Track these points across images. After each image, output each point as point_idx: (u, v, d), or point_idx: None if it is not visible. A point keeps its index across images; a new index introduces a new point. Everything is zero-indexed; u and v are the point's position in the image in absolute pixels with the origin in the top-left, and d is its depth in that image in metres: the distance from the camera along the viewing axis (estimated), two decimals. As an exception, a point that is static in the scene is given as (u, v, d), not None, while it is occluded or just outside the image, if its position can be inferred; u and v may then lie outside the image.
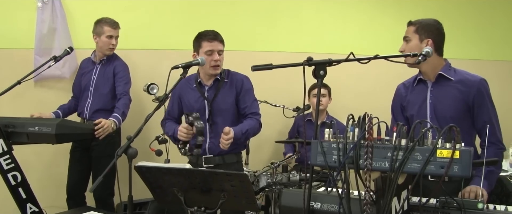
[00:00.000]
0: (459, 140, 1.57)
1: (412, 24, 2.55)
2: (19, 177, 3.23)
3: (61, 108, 3.93)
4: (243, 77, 3.15)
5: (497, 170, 2.49)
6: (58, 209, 3.37)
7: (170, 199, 2.28)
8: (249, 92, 3.13)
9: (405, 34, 2.55)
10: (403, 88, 2.69)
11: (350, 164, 1.68)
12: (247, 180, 2.08)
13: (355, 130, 1.70)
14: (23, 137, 3.30)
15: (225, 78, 3.12)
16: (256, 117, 3.10)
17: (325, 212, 1.92)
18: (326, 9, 4.53)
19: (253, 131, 3.06)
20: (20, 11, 4.20)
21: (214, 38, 3.04)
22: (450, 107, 2.48)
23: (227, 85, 3.11)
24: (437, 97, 2.52)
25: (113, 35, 3.82)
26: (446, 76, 2.50)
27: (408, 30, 2.54)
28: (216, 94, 3.08)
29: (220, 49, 3.05)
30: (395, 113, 2.72)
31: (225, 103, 3.08)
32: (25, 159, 3.54)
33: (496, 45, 4.46)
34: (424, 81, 2.58)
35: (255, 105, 3.14)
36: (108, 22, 3.81)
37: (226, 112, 3.08)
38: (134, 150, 2.39)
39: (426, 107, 2.54)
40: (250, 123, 3.04)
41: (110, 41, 3.81)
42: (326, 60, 2.01)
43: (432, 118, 2.50)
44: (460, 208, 1.82)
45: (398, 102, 2.71)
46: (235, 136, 2.89)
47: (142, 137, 2.58)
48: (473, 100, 2.45)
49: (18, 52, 4.19)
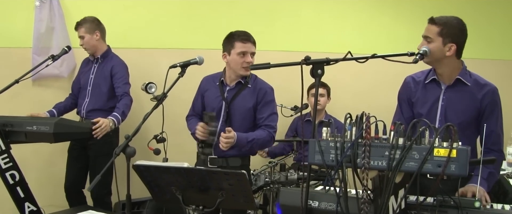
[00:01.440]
0: (456, 139, 1.58)
1: (435, 23, 2.37)
2: (17, 176, 3.24)
3: (56, 106, 3.92)
4: (268, 88, 3.11)
5: (497, 173, 2.46)
6: (56, 208, 3.37)
7: (168, 198, 2.28)
8: (269, 104, 3.08)
9: (426, 33, 2.39)
10: (412, 83, 2.59)
11: (348, 163, 1.68)
12: (245, 178, 2.08)
13: (352, 129, 1.70)
14: (21, 136, 3.30)
15: (249, 83, 3.09)
16: (269, 129, 3.04)
17: (322, 210, 1.93)
18: (324, 8, 4.53)
19: (261, 142, 3.02)
20: (18, 10, 4.20)
21: (247, 39, 3.01)
22: (462, 112, 2.43)
23: (249, 91, 3.08)
24: (450, 101, 2.46)
25: (78, 35, 3.81)
26: (463, 81, 2.44)
27: (430, 30, 2.37)
28: (235, 97, 3.06)
29: (253, 51, 3.02)
30: (402, 103, 2.63)
31: (243, 107, 3.06)
32: (23, 158, 3.55)
33: (494, 44, 4.46)
34: (437, 82, 2.50)
35: (272, 118, 3.08)
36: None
37: (241, 116, 3.06)
38: (132, 149, 2.39)
39: (437, 108, 2.48)
40: (260, 134, 3.01)
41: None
42: (324, 59, 2.01)
43: (441, 120, 2.45)
44: (457, 207, 1.82)
45: (405, 94, 2.62)
46: (238, 141, 2.88)
47: (140, 136, 2.59)
48: (485, 107, 2.41)
49: (16, 51, 4.19)
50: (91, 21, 3.81)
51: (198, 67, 2.99)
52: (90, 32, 3.79)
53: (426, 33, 2.39)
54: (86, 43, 3.80)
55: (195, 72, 3.17)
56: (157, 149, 2.64)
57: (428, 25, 2.39)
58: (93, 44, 3.82)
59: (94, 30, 3.80)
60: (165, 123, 2.76)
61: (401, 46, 2.49)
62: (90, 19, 3.82)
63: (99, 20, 3.86)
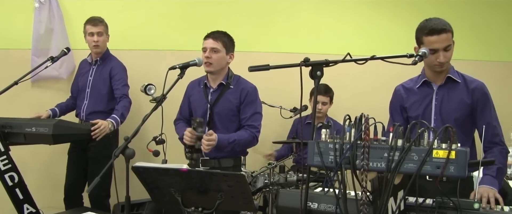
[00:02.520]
0: (455, 140, 1.58)
1: (448, 31, 2.38)
2: (16, 177, 3.24)
3: (58, 105, 3.92)
4: (250, 88, 3.10)
5: (504, 168, 2.47)
6: (55, 210, 3.37)
7: (167, 199, 2.28)
8: (252, 104, 3.07)
9: (446, 43, 2.38)
10: (403, 90, 2.66)
11: (347, 165, 1.68)
12: (244, 180, 2.08)
13: (351, 130, 1.70)
14: (20, 137, 3.30)
15: (231, 84, 3.09)
16: (251, 129, 3.04)
17: (322, 212, 1.93)
18: (323, 10, 4.53)
19: (243, 143, 3.02)
20: (17, 12, 4.20)
21: (208, 36, 3.07)
22: (456, 109, 2.48)
23: (231, 92, 3.08)
24: (443, 99, 2.51)
25: (94, 32, 3.78)
26: (453, 79, 2.50)
27: (448, 38, 2.38)
28: (218, 99, 3.07)
29: (212, 47, 3.02)
30: (394, 114, 2.69)
31: (225, 109, 3.06)
32: (22, 160, 3.54)
33: (492, 46, 4.47)
34: (428, 84, 2.56)
35: (254, 118, 3.07)
36: (88, 21, 3.82)
37: (225, 118, 3.07)
38: (132, 150, 2.39)
39: (431, 108, 2.53)
40: (242, 135, 3.01)
41: (92, 39, 3.79)
42: (323, 61, 2.01)
43: (437, 119, 2.50)
44: (456, 208, 1.82)
45: (396, 104, 2.68)
46: (220, 143, 2.89)
47: (140, 138, 2.59)
48: (477, 103, 2.46)
49: (15, 52, 4.19)
50: (106, 23, 3.85)
51: (197, 69, 2.98)
52: (107, 33, 3.85)
53: (446, 43, 2.38)
54: (102, 42, 3.80)
55: (194, 74, 3.17)
56: (156, 151, 2.64)
57: (444, 35, 2.36)
58: (104, 46, 3.85)
59: (107, 33, 3.85)
60: (164, 124, 2.75)
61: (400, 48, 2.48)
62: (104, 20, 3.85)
63: None
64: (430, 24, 2.39)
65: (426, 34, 2.39)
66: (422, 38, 2.42)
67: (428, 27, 2.38)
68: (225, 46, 3.06)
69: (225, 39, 3.08)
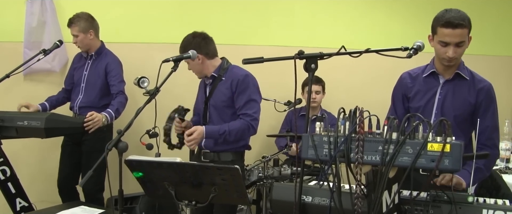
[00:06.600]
0: (450, 134, 1.57)
1: (465, 27, 2.28)
2: (8, 171, 3.22)
3: (49, 99, 3.89)
4: (240, 75, 3.01)
5: (486, 172, 2.43)
6: (48, 204, 3.35)
7: (161, 193, 2.27)
8: (244, 92, 2.99)
9: (460, 39, 2.29)
10: (409, 78, 2.59)
11: (341, 158, 1.68)
12: (238, 173, 2.07)
13: (346, 124, 1.69)
14: (12, 131, 3.27)
15: (222, 75, 3.06)
16: (245, 118, 2.97)
17: (316, 206, 1.92)
18: (318, 3, 4.52)
19: (236, 133, 2.96)
20: (9, 4, 4.16)
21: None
22: (459, 106, 2.44)
23: (223, 83, 3.06)
24: (448, 94, 2.47)
25: (71, 33, 3.75)
26: (461, 75, 2.45)
27: (463, 34, 2.29)
28: (212, 92, 3.07)
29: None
30: (396, 101, 2.64)
31: (219, 101, 3.04)
32: (15, 153, 3.52)
33: (486, 40, 4.48)
34: (435, 75, 2.51)
35: (249, 106, 2.99)
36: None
37: (219, 110, 3.05)
38: (125, 144, 2.37)
39: (433, 102, 2.49)
40: (235, 124, 2.96)
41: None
42: (317, 53, 2.00)
43: (437, 114, 2.46)
44: (450, 202, 1.83)
45: (400, 91, 2.62)
46: (209, 135, 2.92)
47: (133, 131, 2.57)
48: (481, 103, 2.42)
49: (7, 45, 4.15)
50: (85, 20, 3.71)
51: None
52: (84, 32, 3.71)
53: (458, 39, 2.30)
54: (79, 42, 3.75)
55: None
56: (149, 144, 2.62)
57: (459, 30, 2.28)
58: (86, 43, 3.76)
59: (88, 30, 3.72)
60: (158, 117, 2.74)
61: (394, 41, 2.47)
62: (83, 16, 3.72)
63: (92, 16, 3.78)
64: (447, 16, 2.29)
65: (442, 25, 2.29)
66: (437, 28, 2.33)
67: (445, 19, 2.28)
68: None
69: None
